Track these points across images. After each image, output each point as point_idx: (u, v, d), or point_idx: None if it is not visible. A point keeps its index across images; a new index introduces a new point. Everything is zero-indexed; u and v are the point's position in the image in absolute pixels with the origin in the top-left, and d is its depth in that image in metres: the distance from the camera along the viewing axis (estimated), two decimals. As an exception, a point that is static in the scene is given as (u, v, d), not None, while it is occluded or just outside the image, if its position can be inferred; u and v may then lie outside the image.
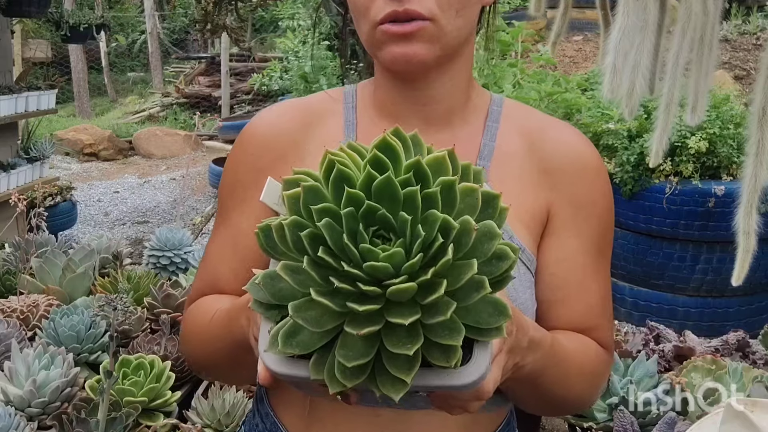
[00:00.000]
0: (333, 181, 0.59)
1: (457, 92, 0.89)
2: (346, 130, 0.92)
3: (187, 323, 0.94)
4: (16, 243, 2.47)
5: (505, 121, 0.92)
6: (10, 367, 1.58)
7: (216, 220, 0.97)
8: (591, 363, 0.87)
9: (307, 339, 0.58)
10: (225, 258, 0.92)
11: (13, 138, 4.43)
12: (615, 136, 3.28)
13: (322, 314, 0.57)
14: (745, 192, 0.62)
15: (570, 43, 6.41)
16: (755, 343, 2.05)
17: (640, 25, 0.61)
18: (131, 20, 15.13)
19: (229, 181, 0.95)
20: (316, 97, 0.98)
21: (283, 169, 0.87)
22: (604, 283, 0.91)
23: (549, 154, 0.89)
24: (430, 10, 0.80)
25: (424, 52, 0.81)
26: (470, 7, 0.83)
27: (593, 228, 0.89)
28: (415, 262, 0.55)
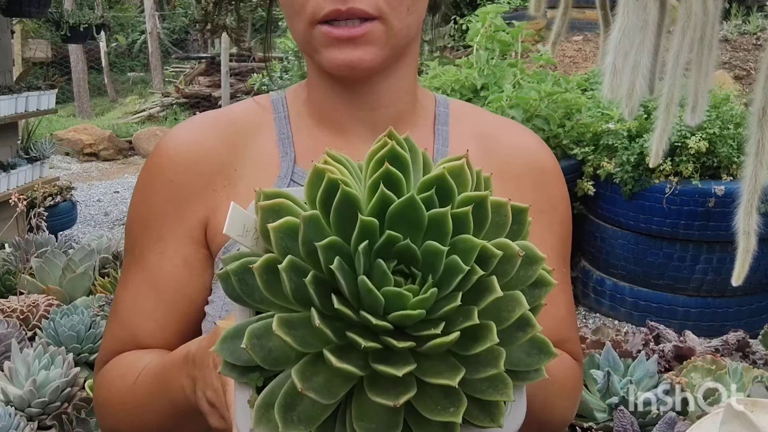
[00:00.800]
0: (336, 207, 0.46)
1: (404, 94, 0.80)
2: (281, 145, 0.79)
3: (102, 389, 0.77)
4: (16, 243, 2.48)
5: (455, 123, 0.84)
6: (10, 367, 1.58)
7: (126, 263, 0.80)
8: (570, 380, 0.82)
9: (312, 410, 0.44)
10: (145, 308, 0.76)
11: (13, 138, 4.43)
12: (615, 136, 3.28)
13: (331, 378, 0.44)
14: (745, 192, 0.62)
15: (570, 43, 6.41)
16: (755, 343, 2.05)
17: (640, 25, 0.61)
18: (131, 20, 15.14)
19: (140, 216, 0.78)
20: (239, 107, 0.85)
21: (211, 197, 0.76)
22: (569, 293, 0.85)
23: (507, 159, 0.82)
24: (377, 7, 0.69)
25: (370, 57, 0.71)
26: (420, 5, 0.74)
27: (556, 234, 0.83)
28: (454, 305, 0.43)
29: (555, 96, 3.40)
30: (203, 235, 0.77)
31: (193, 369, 0.61)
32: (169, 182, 0.77)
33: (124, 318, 0.78)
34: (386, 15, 0.70)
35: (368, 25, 0.69)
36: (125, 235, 0.80)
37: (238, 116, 0.82)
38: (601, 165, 3.33)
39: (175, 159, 0.77)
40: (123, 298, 0.79)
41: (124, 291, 0.79)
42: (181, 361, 0.64)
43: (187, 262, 0.76)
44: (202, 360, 0.60)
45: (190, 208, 0.77)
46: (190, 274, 0.76)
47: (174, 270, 0.76)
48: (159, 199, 0.77)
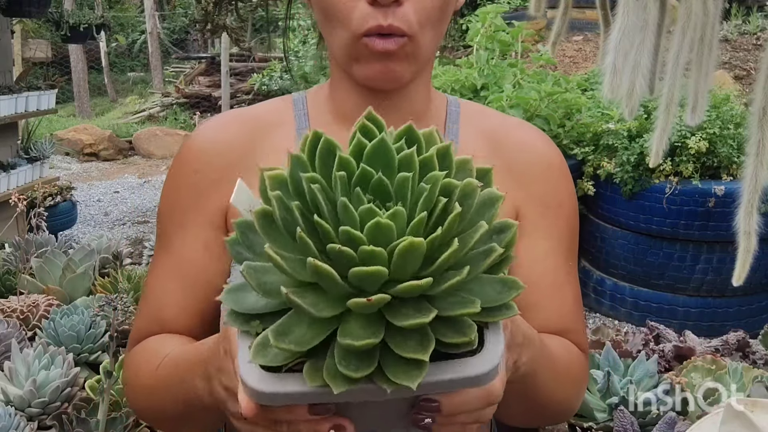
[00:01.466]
0: (320, 154, 0.52)
1: (420, 96, 0.86)
2: (299, 138, 0.85)
3: (130, 369, 0.85)
4: (16, 243, 2.47)
5: (464, 121, 0.89)
6: (10, 367, 1.58)
7: (156, 248, 0.88)
8: (574, 367, 0.84)
9: (304, 333, 0.50)
10: (169, 290, 0.83)
11: (13, 138, 4.43)
12: (615, 136, 3.28)
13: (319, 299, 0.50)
14: (746, 192, 0.62)
15: (570, 43, 6.41)
16: (755, 343, 2.04)
17: (640, 25, 0.61)
18: (131, 20, 15.14)
19: (167, 204, 0.86)
20: (262, 106, 0.92)
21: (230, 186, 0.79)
22: (576, 285, 0.88)
23: (513, 155, 0.86)
24: (410, 26, 0.76)
25: (401, 70, 0.78)
26: (445, 19, 0.80)
27: (562, 229, 0.86)
28: (421, 218, 0.49)
29: (555, 96, 3.40)
30: (223, 222, 0.83)
31: (206, 367, 0.66)
32: (193, 173, 0.84)
33: (151, 299, 0.85)
34: (416, 33, 0.76)
35: (401, 41, 0.76)
36: (156, 222, 0.87)
37: (260, 114, 0.89)
38: (601, 165, 3.33)
39: (199, 152, 0.85)
40: (151, 280, 0.86)
41: (153, 273, 0.86)
42: (195, 361, 0.70)
43: (207, 247, 0.83)
44: (214, 352, 0.64)
45: (212, 197, 0.83)
46: (210, 258, 0.83)
47: (195, 254, 0.83)
48: (184, 189, 0.85)
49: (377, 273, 0.48)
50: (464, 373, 0.52)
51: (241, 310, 0.53)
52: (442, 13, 0.78)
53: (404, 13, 0.75)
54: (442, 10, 0.78)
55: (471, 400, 0.58)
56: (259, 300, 0.54)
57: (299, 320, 0.51)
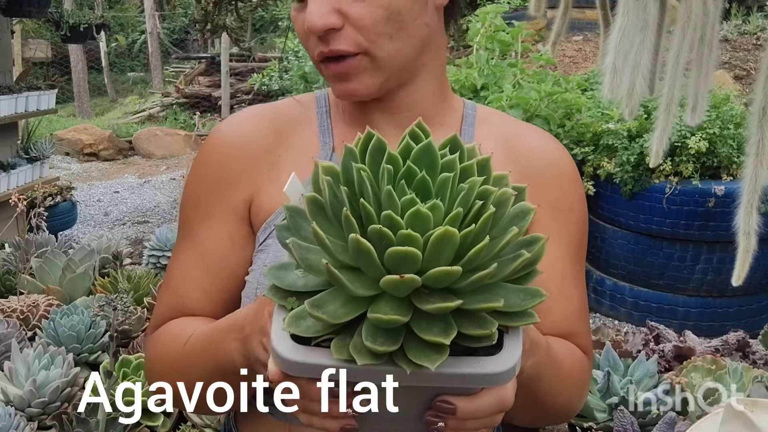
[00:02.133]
0: (371, 150, 0.57)
1: (428, 97, 0.87)
2: (321, 135, 0.88)
3: (153, 352, 0.86)
4: (16, 243, 2.48)
5: (480, 125, 0.90)
6: (10, 367, 1.58)
7: (178, 237, 0.89)
8: (578, 369, 0.85)
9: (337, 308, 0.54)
10: (193, 278, 0.85)
11: (13, 138, 4.43)
12: (615, 136, 3.28)
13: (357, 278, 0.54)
14: (746, 192, 0.62)
15: (570, 43, 6.41)
16: (755, 343, 2.04)
17: (640, 25, 0.61)
18: (131, 20, 15.14)
19: (191, 194, 0.88)
20: (284, 103, 0.94)
21: (255, 178, 0.85)
22: (583, 290, 0.90)
23: (528, 160, 0.88)
24: (357, 44, 0.77)
25: (363, 87, 0.80)
26: (409, 25, 0.79)
27: (572, 234, 0.88)
28: (457, 212, 0.53)
29: (555, 96, 3.40)
30: (247, 213, 0.85)
31: (242, 331, 0.69)
32: (218, 164, 0.86)
33: (174, 287, 0.87)
34: (368, 49, 0.78)
35: (351, 61, 0.78)
36: (179, 212, 0.89)
37: (283, 109, 0.91)
38: (601, 165, 3.33)
39: (224, 144, 0.87)
40: (174, 269, 0.88)
41: (176, 262, 0.88)
42: (228, 327, 0.73)
43: (231, 237, 0.85)
44: (256, 315, 0.67)
45: (236, 188, 0.85)
46: (233, 247, 0.85)
47: (219, 243, 0.85)
48: (209, 179, 0.87)
49: (412, 255, 0.51)
50: (481, 370, 0.55)
51: (281, 286, 0.58)
52: (395, 22, 0.78)
53: (346, 36, 0.77)
54: (392, 19, 0.77)
55: (485, 405, 0.59)
56: (298, 279, 0.58)
57: (335, 297, 0.55)
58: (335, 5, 0.76)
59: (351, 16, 0.77)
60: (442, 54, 0.88)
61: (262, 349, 0.66)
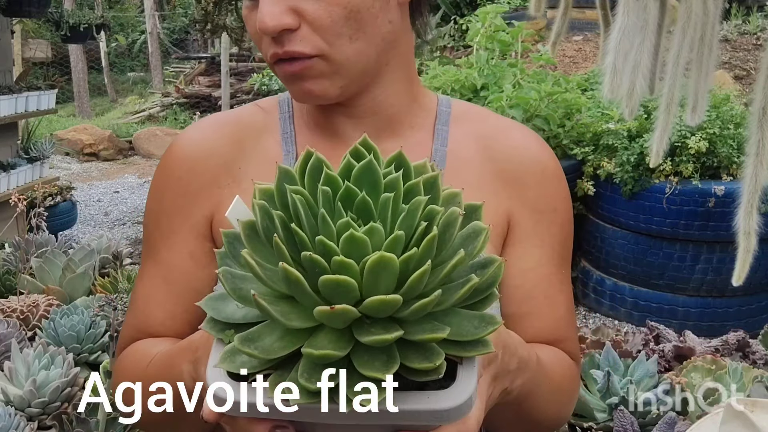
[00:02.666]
0: (310, 170, 0.53)
1: (396, 99, 0.82)
2: (284, 143, 0.83)
3: (118, 373, 0.83)
4: (16, 243, 2.47)
5: (455, 123, 0.85)
6: (10, 367, 1.58)
7: (142, 257, 0.86)
8: (566, 379, 0.83)
9: (272, 343, 0.50)
10: (157, 299, 0.82)
11: (13, 138, 4.43)
12: (615, 136, 3.28)
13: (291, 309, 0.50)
14: (746, 192, 0.62)
15: (570, 43, 6.41)
16: (755, 343, 2.04)
17: (640, 25, 0.61)
18: (131, 20, 15.14)
19: (153, 211, 0.84)
20: (245, 109, 0.89)
21: (216, 193, 0.81)
22: (569, 294, 0.86)
23: (506, 159, 0.83)
24: (315, 46, 0.72)
25: (319, 89, 0.75)
26: (370, 24, 0.74)
27: (555, 236, 0.84)
28: (397, 236, 0.48)
29: (555, 96, 3.40)
30: (209, 230, 0.82)
31: (196, 352, 0.66)
32: (177, 180, 0.82)
33: (138, 308, 0.84)
34: (325, 51, 0.73)
35: (306, 62, 0.73)
36: (143, 230, 0.86)
37: (243, 118, 0.86)
38: (601, 165, 3.33)
39: (184, 158, 0.83)
40: (138, 290, 0.85)
41: (140, 282, 0.85)
42: (184, 348, 0.69)
43: (193, 255, 0.82)
44: (207, 340, 0.64)
45: (197, 204, 0.81)
46: (196, 266, 0.82)
47: (181, 263, 0.82)
48: (169, 195, 0.83)
49: (345, 283, 0.48)
50: (431, 405, 0.51)
51: (219, 318, 0.54)
52: (355, 22, 0.73)
53: (302, 37, 0.72)
54: (351, 18, 0.72)
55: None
56: (237, 311, 0.54)
57: (270, 330, 0.51)
58: (290, 4, 0.71)
59: (307, 16, 0.72)
60: (409, 51, 0.83)
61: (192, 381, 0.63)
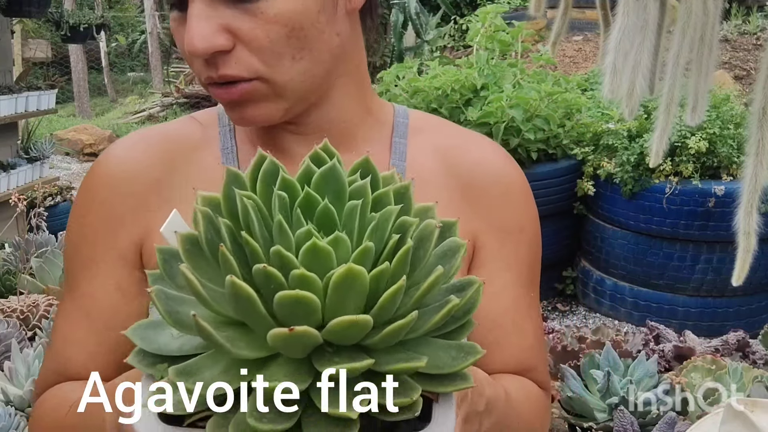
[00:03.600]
0: (263, 176, 0.46)
1: (348, 113, 0.75)
2: (225, 159, 0.75)
3: (35, 421, 0.75)
4: (16, 243, 2.47)
5: (414, 136, 0.79)
6: (10, 367, 1.58)
7: (63, 291, 0.77)
8: (537, 414, 0.77)
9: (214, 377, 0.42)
10: (77, 338, 0.73)
11: (13, 138, 4.43)
12: (615, 136, 3.28)
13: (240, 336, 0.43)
14: (745, 192, 0.62)
15: (570, 43, 6.41)
16: (755, 343, 2.04)
17: (640, 25, 0.61)
18: (131, 20, 15.14)
19: (73, 239, 0.75)
20: (178, 123, 0.80)
21: (146, 217, 0.73)
22: (537, 319, 0.80)
23: (469, 175, 0.77)
24: (252, 69, 0.65)
25: (262, 113, 0.68)
26: (315, 40, 0.67)
27: (522, 258, 0.78)
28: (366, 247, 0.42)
29: (555, 96, 3.40)
30: (138, 257, 0.74)
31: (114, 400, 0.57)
32: (100, 203, 0.74)
33: (57, 349, 0.75)
34: (265, 74, 0.66)
35: (245, 86, 0.66)
36: (63, 260, 0.77)
37: (176, 132, 0.78)
38: (601, 165, 3.33)
39: (107, 179, 0.74)
40: (57, 329, 0.76)
41: (59, 320, 0.76)
42: (107, 393, 0.59)
43: (119, 287, 0.73)
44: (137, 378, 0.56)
45: (123, 229, 0.73)
46: (124, 299, 0.73)
47: (106, 296, 0.73)
48: (90, 221, 0.74)
49: (306, 300, 0.40)
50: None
51: (149, 349, 0.46)
52: (297, 40, 0.65)
53: (237, 59, 0.64)
54: (293, 37, 0.65)
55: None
56: (171, 341, 0.46)
57: (213, 362, 0.44)
58: (222, 22, 0.63)
59: (242, 36, 0.64)
60: (361, 61, 0.76)
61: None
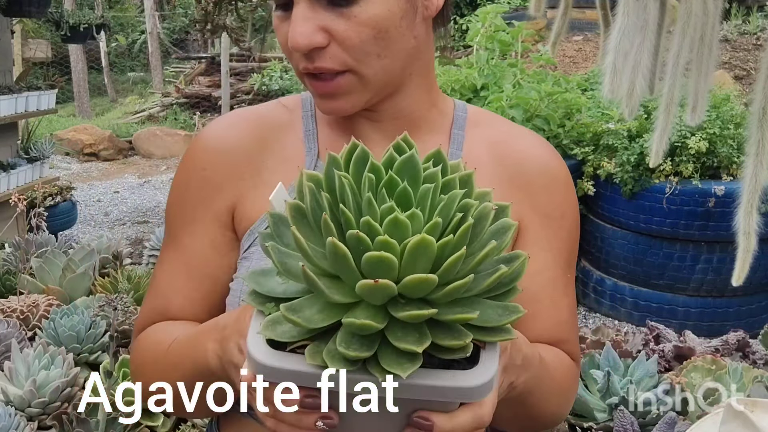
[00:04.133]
0: (355, 161, 0.58)
1: (416, 105, 0.86)
2: (306, 140, 0.87)
3: (138, 352, 0.87)
4: (16, 243, 2.47)
5: (471, 129, 0.89)
6: (10, 367, 1.58)
7: (164, 242, 0.90)
8: (567, 379, 0.85)
9: (314, 314, 0.54)
10: (177, 284, 0.86)
11: (13, 138, 4.43)
12: (615, 136, 3.28)
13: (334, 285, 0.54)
14: (745, 192, 0.62)
15: (570, 43, 6.41)
16: (755, 343, 2.04)
17: (640, 25, 0.61)
18: (131, 20, 15.14)
19: (177, 200, 0.88)
20: (268, 106, 0.92)
21: (238, 185, 0.84)
22: (572, 297, 0.89)
23: (518, 165, 0.86)
24: (344, 63, 0.76)
25: (349, 105, 0.79)
26: (397, 42, 0.77)
27: (563, 241, 0.87)
28: (436, 222, 0.53)
29: (555, 96, 3.40)
30: (230, 220, 0.85)
31: (223, 331, 0.69)
32: (201, 171, 0.85)
33: (159, 292, 0.87)
34: (354, 67, 0.76)
35: (339, 79, 0.77)
36: (165, 218, 0.90)
37: (267, 114, 0.90)
38: (601, 165, 3.33)
39: (209, 150, 0.86)
40: (159, 274, 0.88)
41: (161, 267, 0.88)
42: (209, 329, 0.73)
43: (214, 244, 0.85)
44: (237, 318, 0.68)
45: (220, 195, 0.84)
46: (216, 254, 0.85)
47: (202, 250, 0.85)
48: (192, 186, 0.86)
49: (388, 260, 0.51)
50: (455, 383, 0.54)
51: (261, 291, 0.58)
52: (383, 41, 0.76)
53: (332, 54, 0.75)
54: (379, 38, 0.75)
55: (462, 422, 0.58)
56: (278, 285, 0.59)
57: (312, 303, 0.55)
58: (320, 23, 0.74)
59: (337, 36, 0.74)
60: (430, 60, 0.86)
61: (237, 351, 0.66)
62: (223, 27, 5.18)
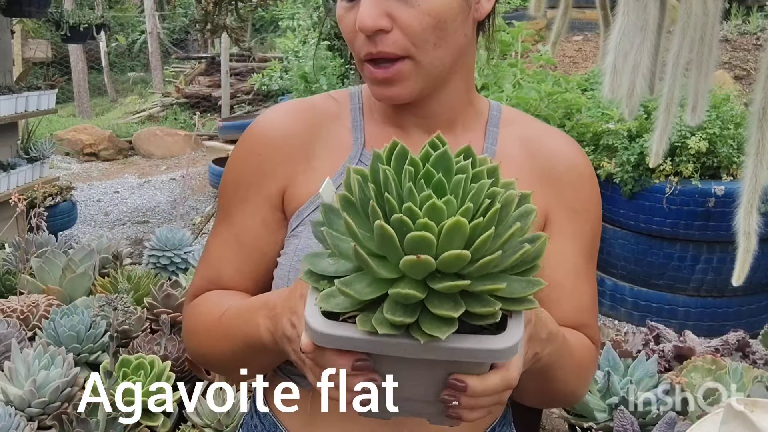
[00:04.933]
0: (396, 156, 0.66)
1: (457, 102, 0.92)
2: (354, 131, 0.94)
3: (191, 318, 0.95)
4: (16, 243, 2.47)
5: (504, 126, 0.95)
6: (10, 367, 1.58)
7: (217, 217, 0.98)
8: (586, 359, 0.92)
9: (364, 287, 0.63)
10: (228, 256, 0.93)
11: (13, 138, 4.43)
12: (615, 136, 3.28)
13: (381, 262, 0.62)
14: (745, 192, 0.62)
15: (570, 43, 6.41)
16: (755, 343, 2.05)
17: (640, 25, 0.61)
18: (131, 20, 15.14)
19: (232, 179, 0.95)
20: (319, 98, 0.99)
21: (290, 170, 0.92)
22: (594, 285, 0.96)
23: (548, 162, 0.93)
24: (404, 48, 0.82)
25: (405, 92, 0.85)
26: (451, 34, 0.84)
27: (587, 233, 0.94)
28: (468, 207, 0.61)
29: (555, 96, 3.40)
30: (280, 201, 0.92)
31: (274, 309, 0.77)
32: (257, 155, 0.93)
33: (211, 262, 0.95)
34: (413, 54, 0.82)
35: (399, 65, 0.83)
36: (219, 195, 0.98)
37: (318, 105, 0.97)
38: (601, 165, 3.33)
39: (264, 136, 0.94)
40: (211, 246, 0.96)
41: (214, 240, 0.96)
42: (260, 305, 0.81)
43: (264, 222, 0.92)
44: (288, 296, 0.75)
45: (272, 178, 0.92)
46: (267, 231, 0.92)
47: (254, 227, 0.93)
48: (248, 168, 0.93)
49: (428, 240, 0.59)
50: (486, 345, 0.63)
51: (315, 270, 0.67)
52: (440, 31, 0.82)
53: (394, 39, 0.82)
54: (438, 28, 0.82)
55: (492, 384, 0.66)
56: (330, 266, 0.67)
57: (362, 278, 0.64)
58: (385, 9, 0.81)
59: (400, 21, 0.81)
60: (472, 61, 0.93)
61: (289, 325, 0.73)
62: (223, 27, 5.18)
